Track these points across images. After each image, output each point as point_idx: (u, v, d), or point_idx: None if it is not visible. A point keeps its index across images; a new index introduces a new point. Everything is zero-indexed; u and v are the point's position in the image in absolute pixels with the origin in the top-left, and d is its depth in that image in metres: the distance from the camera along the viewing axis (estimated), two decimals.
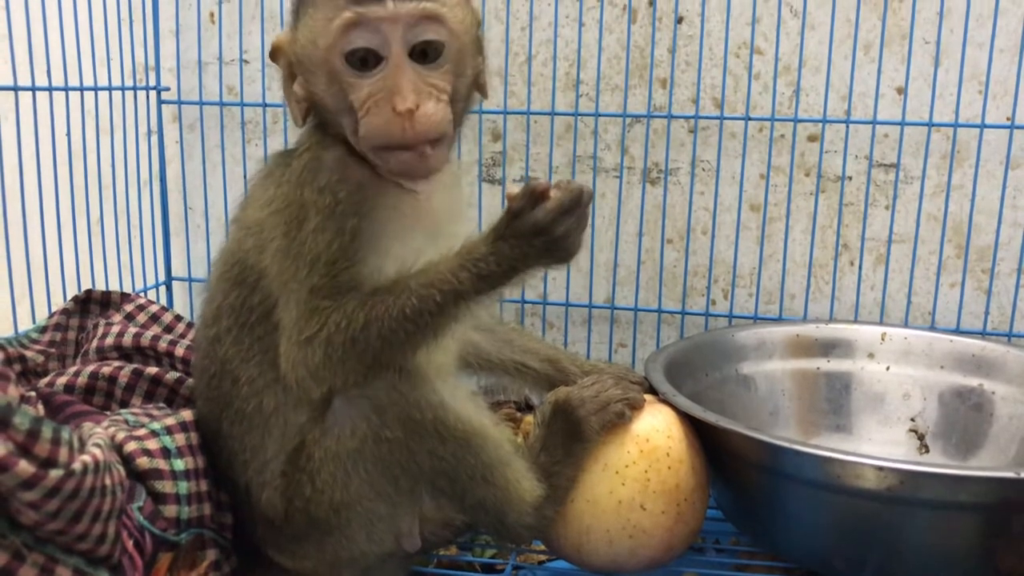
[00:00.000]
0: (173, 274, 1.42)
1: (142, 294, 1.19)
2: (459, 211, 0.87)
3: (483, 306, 0.77)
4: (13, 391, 0.65)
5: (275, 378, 0.80)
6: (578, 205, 0.72)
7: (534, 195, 0.72)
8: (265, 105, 1.37)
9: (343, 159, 0.79)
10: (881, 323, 1.24)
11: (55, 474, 0.63)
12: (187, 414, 0.86)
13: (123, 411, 0.88)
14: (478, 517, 0.85)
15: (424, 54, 0.76)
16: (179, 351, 1.00)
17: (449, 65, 0.77)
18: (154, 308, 1.08)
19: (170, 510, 0.78)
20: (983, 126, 1.20)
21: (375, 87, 0.75)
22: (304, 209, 0.76)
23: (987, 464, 1.04)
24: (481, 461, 0.81)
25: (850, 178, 1.27)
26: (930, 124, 1.21)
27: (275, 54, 0.82)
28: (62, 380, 0.94)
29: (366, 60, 0.75)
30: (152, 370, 0.96)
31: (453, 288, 0.74)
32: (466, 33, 0.79)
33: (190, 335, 1.03)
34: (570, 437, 0.86)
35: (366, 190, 0.78)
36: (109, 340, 1.01)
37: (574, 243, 0.73)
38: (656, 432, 0.87)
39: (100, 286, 1.20)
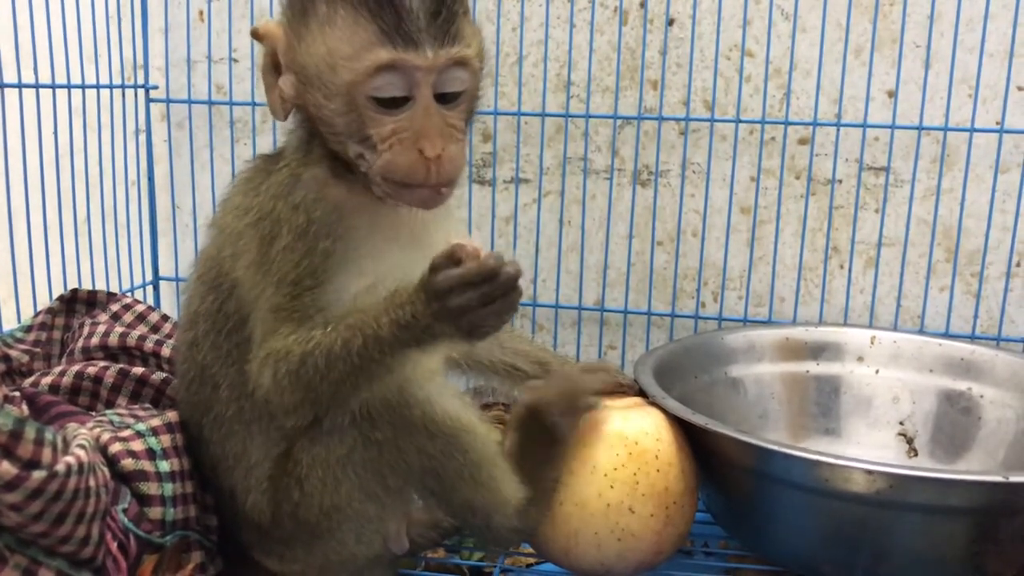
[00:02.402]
0: (160, 274, 1.42)
1: (129, 294, 1.18)
2: (443, 218, 0.84)
3: (411, 359, 0.73)
4: None
5: None
6: (486, 282, 0.67)
7: (452, 257, 0.68)
8: (254, 104, 1.36)
9: (322, 178, 0.77)
10: (870, 326, 1.24)
11: (38, 475, 0.63)
12: (173, 415, 0.85)
13: (108, 412, 0.87)
14: (465, 518, 0.85)
15: (444, 95, 0.75)
16: (165, 351, 1.00)
17: (465, 104, 0.76)
18: (141, 308, 1.07)
19: (155, 512, 0.78)
20: (973, 130, 1.20)
21: (400, 125, 0.73)
22: (278, 225, 0.75)
23: (975, 468, 1.04)
24: (469, 459, 0.81)
25: (840, 181, 1.27)
26: (920, 128, 1.22)
27: (259, 36, 0.78)
28: (47, 380, 0.93)
29: (393, 99, 0.73)
30: (138, 370, 0.96)
31: (374, 332, 0.71)
32: (481, 68, 0.78)
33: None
34: (546, 441, 0.85)
35: (343, 210, 0.77)
36: (95, 340, 1.00)
37: (476, 321, 0.68)
38: (645, 435, 0.87)
39: (87, 285, 1.19)
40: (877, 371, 1.13)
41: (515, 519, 0.84)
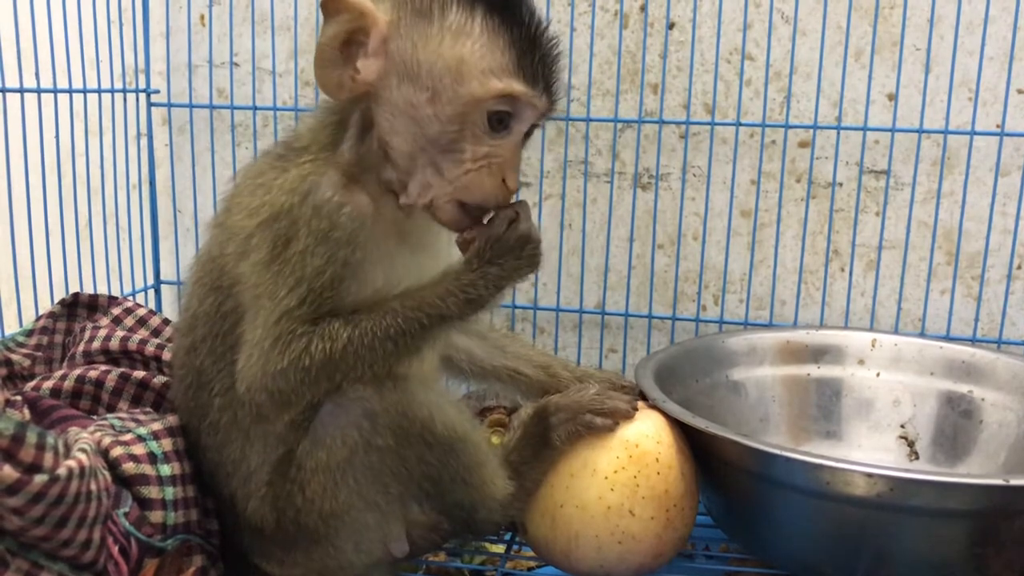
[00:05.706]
0: (162, 278, 1.42)
1: (130, 298, 1.18)
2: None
3: (464, 327, 0.82)
4: None
5: None
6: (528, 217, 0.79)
7: (509, 219, 0.77)
8: (255, 108, 1.36)
9: (346, 182, 0.76)
10: (871, 329, 1.24)
11: (40, 479, 0.63)
12: (173, 419, 0.85)
13: (109, 415, 0.87)
14: (451, 513, 0.86)
15: (526, 132, 0.79)
16: (167, 355, 1.00)
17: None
18: (142, 312, 1.07)
19: (156, 516, 0.78)
20: (973, 133, 1.21)
21: (494, 151, 0.76)
22: (295, 226, 0.74)
23: (976, 471, 1.04)
24: (462, 463, 0.82)
25: (841, 184, 1.27)
26: (920, 131, 1.22)
27: (336, 8, 0.72)
28: (48, 384, 0.93)
29: (500, 121, 0.75)
30: (139, 374, 0.96)
31: (440, 312, 0.76)
32: None
33: None
34: (540, 441, 0.87)
35: (365, 217, 0.76)
36: (96, 344, 1.00)
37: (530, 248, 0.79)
38: (645, 437, 0.87)
39: (88, 289, 1.20)
40: (878, 374, 1.13)
41: (498, 513, 0.86)
